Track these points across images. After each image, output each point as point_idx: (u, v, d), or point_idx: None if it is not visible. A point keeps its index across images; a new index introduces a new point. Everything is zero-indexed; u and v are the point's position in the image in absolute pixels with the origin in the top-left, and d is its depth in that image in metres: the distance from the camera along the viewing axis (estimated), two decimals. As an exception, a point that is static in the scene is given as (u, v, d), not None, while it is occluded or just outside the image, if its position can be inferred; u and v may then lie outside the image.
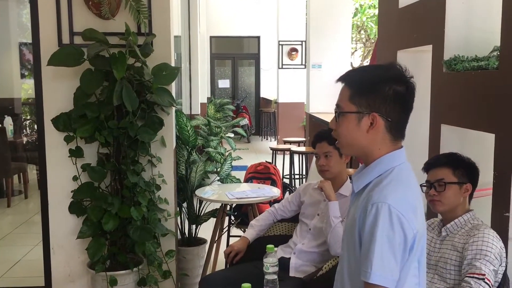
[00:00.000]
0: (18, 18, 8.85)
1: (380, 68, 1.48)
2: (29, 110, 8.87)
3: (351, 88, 1.43)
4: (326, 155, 2.53)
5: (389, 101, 1.39)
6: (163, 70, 2.86)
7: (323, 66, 6.81)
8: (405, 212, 1.33)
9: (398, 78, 1.41)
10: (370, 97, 1.40)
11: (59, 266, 3.08)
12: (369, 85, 1.41)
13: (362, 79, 1.43)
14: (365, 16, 10.55)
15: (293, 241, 2.66)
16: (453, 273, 1.95)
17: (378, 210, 1.33)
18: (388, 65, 1.46)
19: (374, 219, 1.33)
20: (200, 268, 3.58)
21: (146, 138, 2.86)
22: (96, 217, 2.79)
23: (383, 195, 1.35)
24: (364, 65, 2.25)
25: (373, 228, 1.33)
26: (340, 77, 1.47)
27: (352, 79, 1.45)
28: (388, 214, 1.32)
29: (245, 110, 12.37)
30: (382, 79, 1.40)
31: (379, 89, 1.39)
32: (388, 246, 1.31)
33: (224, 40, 13.27)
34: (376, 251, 1.31)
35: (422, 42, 2.85)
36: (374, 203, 1.35)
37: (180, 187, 3.56)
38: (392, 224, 1.32)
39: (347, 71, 1.49)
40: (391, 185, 1.38)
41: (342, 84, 1.46)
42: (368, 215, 1.35)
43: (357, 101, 1.41)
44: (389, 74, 1.42)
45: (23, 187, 6.18)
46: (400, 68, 1.43)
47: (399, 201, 1.34)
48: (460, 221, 2.04)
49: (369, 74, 1.45)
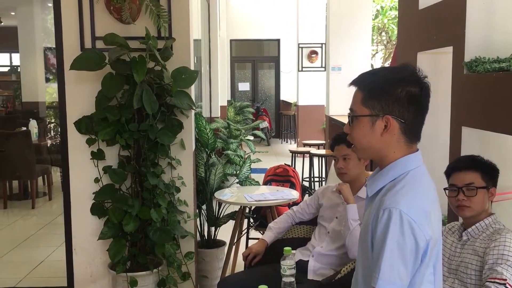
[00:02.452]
0: (43, 24, 9.04)
1: (391, 70, 1.47)
2: (53, 113, 9.05)
3: (363, 91, 1.43)
4: (344, 158, 2.52)
5: (402, 102, 1.38)
6: (183, 73, 2.89)
7: (343, 69, 6.78)
8: (417, 218, 1.32)
9: (411, 79, 1.40)
10: (382, 100, 1.39)
11: (81, 267, 3.13)
12: (381, 87, 1.40)
13: (374, 81, 1.42)
14: (386, 18, 10.47)
15: (311, 244, 2.66)
16: (474, 278, 1.92)
17: (389, 216, 1.32)
18: (400, 67, 1.45)
19: (386, 225, 1.32)
20: (219, 270, 3.59)
21: (165, 140, 2.90)
22: (117, 218, 2.83)
23: (395, 200, 1.34)
24: (376, 68, 2.23)
25: (384, 233, 1.32)
26: (352, 81, 1.46)
27: (364, 82, 1.44)
28: (399, 220, 1.31)
29: (265, 113, 12.38)
30: (394, 80, 1.39)
31: (392, 91, 1.38)
32: (398, 253, 1.30)
33: (244, 43, 13.31)
34: (385, 257, 1.30)
35: (443, 44, 2.82)
36: (386, 208, 1.33)
37: (199, 189, 3.59)
38: (403, 230, 1.30)
39: (359, 75, 1.48)
40: (404, 190, 1.36)
41: (355, 87, 1.46)
42: (380, 221, 1.34)
43: (370, 104, 1.40)
44: (401, 75, 1.41)
45: (47, 189, 6.29)
46: (413, 69, 1.42)
47: (411, 207, 1.33)
48: (481, 225, 2.00)
49: (380, 77, 1.44)
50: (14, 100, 9.65)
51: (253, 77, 13.67)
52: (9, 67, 12.34)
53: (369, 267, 1.39)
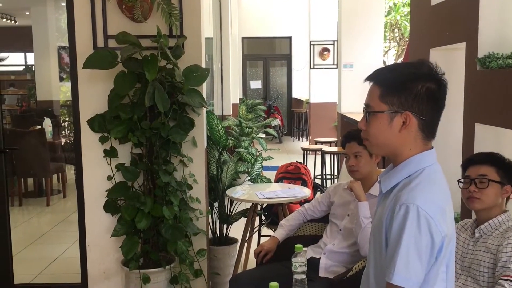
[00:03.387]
0: (56, 23, 9.12)
1: (410, 66, 1.45)
2: (67, 112, 9.13)
3: (381, 87, 1.40)
4: (355, 155, 2.51)
5: (422, 99, 1.36)
6: (194, 71, 2.90)
7: (355, 66, 6.74)
8: (434, 214, 1.31)
9: (430, 76, 1.38)
10: (402, 96, 1.37)
11: (95, 264, 3.17)
12: (400, 83, 1.38)
13: (393, 77, 1.40)
14: (399, 14, 10.38)
15: (323, 241, 2.66)
16: (487, 275, 1.91)
17: (406, 211, 1.31)
18: (419, 62, 1.43)
19: (402, 220, 1.31)
20: (231, 267, 3.61)
21: (177, 138, 2.91)
22: (130, 216, 2.86)
23: (412, 196, 1.33)
24: (393, 63, 2.20)
25: (400, 229, 1.31)
26: (369, 76, 1.44)
27: (382, 77, 1.42)
28: (416, 216, 1.30)
29: (277, 110, 12.37)
30: (414, 76, 1.38)
31: (411, 87, 1.36)
32: (414, 248, 1.29)
33: (256, 41, 13.31)
34: (401, 252, 1.29)
35: (455, 40, 2.80)
36: (403, 203, 1.33)
37: (211, 187, 3.61)
38: (420, 226, 1.30)
39: (376, 70, 1.46)
40: (420, 186, 1.36)
41: (370, 83, 1.44)
42: (396, 216, 1.33)
43: (388, 100, 1.38)
44: (420, 71, 1.39)
45: (62, 187, 6.36)
46: (431, 65, 1.40)
47: (428, 203, 1.32)
48: (494, 222, 1.99)
49: (399, 72, 1.42)
50: (29, 99, 9.77)
51: (265, 75, 13.66)
52: (24, 66, 12.48)
53: (382, 263, 1.38)
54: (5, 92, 9.83)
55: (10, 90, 10.09)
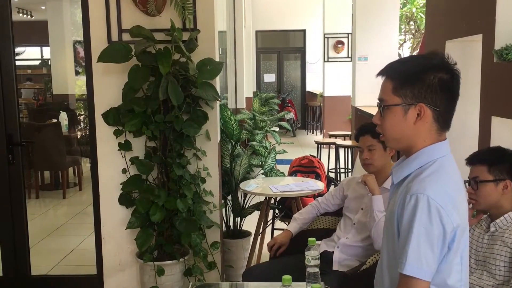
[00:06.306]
0: (71, 17, 9.19)
1: (421, 58, 1.45)
2: (82, 106, 9.21)
3: (393, 80, 1.40)
4: (369, 149, 2.50)
5: (435, 90, 1.36)
6: (208, 65, 2.90)
7: (369, 59, 6.67)
8: (445, 204, 1.31)
9: (442, 66, 1.38)
10: (414, 87, 1.37)
11: (110, 256, 3.21)
12: (412, 75, 1.38)
13: (405, 69, 1.40)
14: (414, 6, 10.25)
15: (336, 235, 2.65)
16: (503, 269, 1.89)
17: (416, 201, 1.31)
18: (430, 54, 1.43)
19: (413, 210, 1.31)
20: (244, 260, 3.62)
21: (191, 132, 2.92)
22: (144, 208, 2.88)
23: (423, 186, 1.33)
24: (404, 56, 2.20)
25: (411, 219, 1.31)
26: (381, 71, 1.44)
27: (394, 71, 1.42)
28: (426, 206, 1.30)
29: (291, 104, 12.33)
30: (425, 68, 1.37)
31: (423, 78, 1.36)
32: (426, 238, 1.29)
33: (270, 34, 13.26)
34: (412, 242, 1.29)
35: (472, 32, 2.75)
36: (413, 194, 1.33)
37: (224, 180, 3.62)
38: (431, 216, 1.29)
39: (388, 64, 1.46)
40: (431, 177, 1.35)
41: (383, 77, 1.44)
42: (407, 206, 1.33)
43: (401, 92, 1.38)
44: (432, 62, 1.39)
45: (77, 180, 6.43)
46: (442, 56, 1.40)
47: (438, 193, 1.32)
48: (510, 216, 1.96)
49: (411, 64, 1.42)
50: (45, 92, 9.88)
51: (279, 68, 13.62)
52: (40, 60, 12.61)
53: (394, 254, 1.38)
54: (22, 86, 9.94)
55: (27, 84, 10.21)
